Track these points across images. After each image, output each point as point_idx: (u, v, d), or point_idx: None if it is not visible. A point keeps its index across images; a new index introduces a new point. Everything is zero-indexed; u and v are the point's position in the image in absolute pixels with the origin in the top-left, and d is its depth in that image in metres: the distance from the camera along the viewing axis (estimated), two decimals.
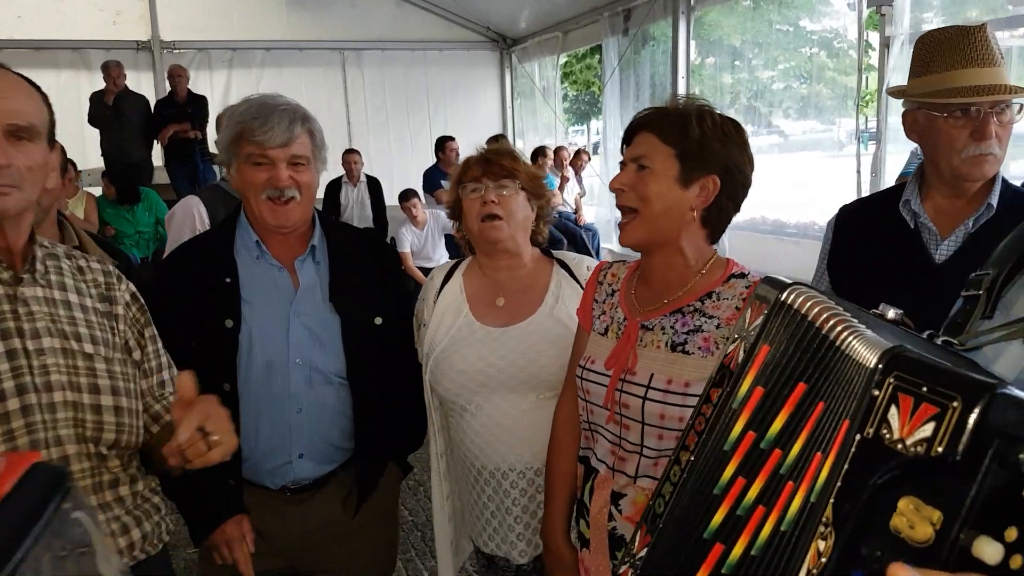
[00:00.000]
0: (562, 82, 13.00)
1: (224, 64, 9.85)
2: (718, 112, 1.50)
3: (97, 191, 7.62)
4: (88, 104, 8.08)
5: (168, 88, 8.33)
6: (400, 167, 9.62)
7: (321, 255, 1.88)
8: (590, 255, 7.86)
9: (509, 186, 1.88)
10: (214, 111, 8.00)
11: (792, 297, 0.83)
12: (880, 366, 0.62)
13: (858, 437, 0.60)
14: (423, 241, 7.11)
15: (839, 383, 0.68)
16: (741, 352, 0.87)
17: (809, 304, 0.80)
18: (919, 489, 0.55)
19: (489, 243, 1.92)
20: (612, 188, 1.53)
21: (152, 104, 8.29)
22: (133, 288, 1.53)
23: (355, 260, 1.91)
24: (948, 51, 1.80)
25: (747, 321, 0.90)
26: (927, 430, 0.55)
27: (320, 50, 10.19)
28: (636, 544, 0.95)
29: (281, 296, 1.82)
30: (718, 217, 1.50)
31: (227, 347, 1.76)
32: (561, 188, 8.48)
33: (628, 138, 1.54)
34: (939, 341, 0.85)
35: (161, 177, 8.02)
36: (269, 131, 1.72)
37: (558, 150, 8.91)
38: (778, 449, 0.74)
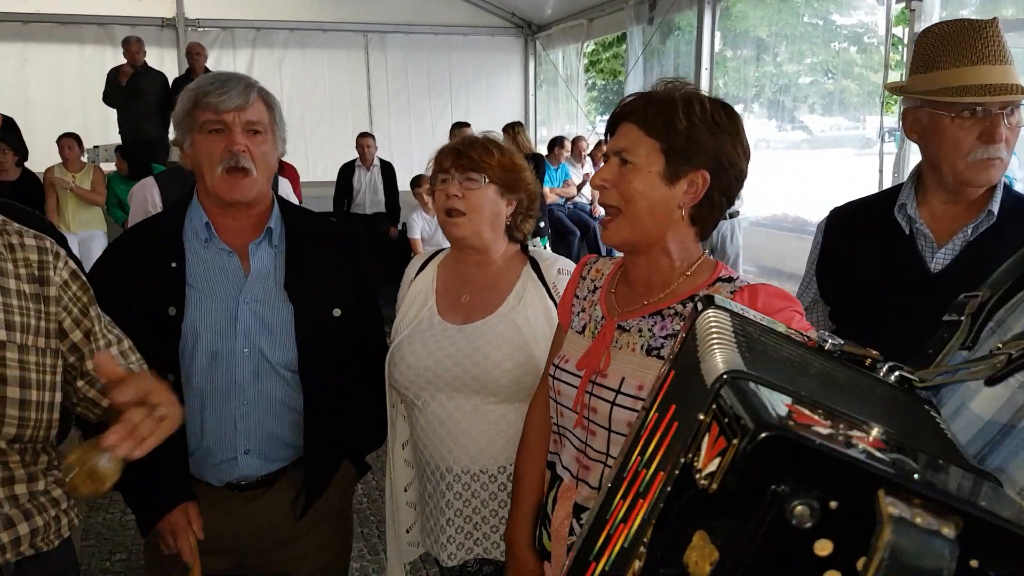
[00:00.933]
0: (588, 71, 12.86)
1: (247, 43, 9.84)
2: (709, 97, 1.38)
3: (113, 167, 7.68)
4: (105, 82, 8.15)
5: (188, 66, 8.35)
6: (419, 152, 9.51)
7: (279, 239, 1.81)
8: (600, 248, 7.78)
9: (476, 179, 1.79)
10: None
11: (701, 322, 0.74)
12: (712, 387, 0.57)
13: (681, 461, 0.56)
14: (434, 228, 7.05)
15: (692, 401, 0.63)
16: (663, 376, 0.79)
17: (706, 323, 0.72)
18: (709, 525, 0.53)
19: (450, 238, 1.86)
20: (593, 184, 1.42)
21: (170, 82, 8.31)
22: (73, 266, 1.44)
23: (316, 247, 1.83)
24: (956, 47, 1.67)
25: (675, 344, 0.82)
26: (714, 464, 0.52)
27: (344, 32, 10.14)
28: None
29: (229, 282, 1.75)
30: (708, 214, 1.39)
31: (170, 336, 1.70)
32: (583, 181, 8.37)
33: (611, 128, 1.42)
34: (893, 377, 0.75)
35: (177, 155, 8.04)
36: (225, 94, 1.67)
37: (576, 140, 8.79)
38: (643, 470, 0.69)
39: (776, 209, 7.04)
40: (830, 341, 0.76)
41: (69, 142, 7.26)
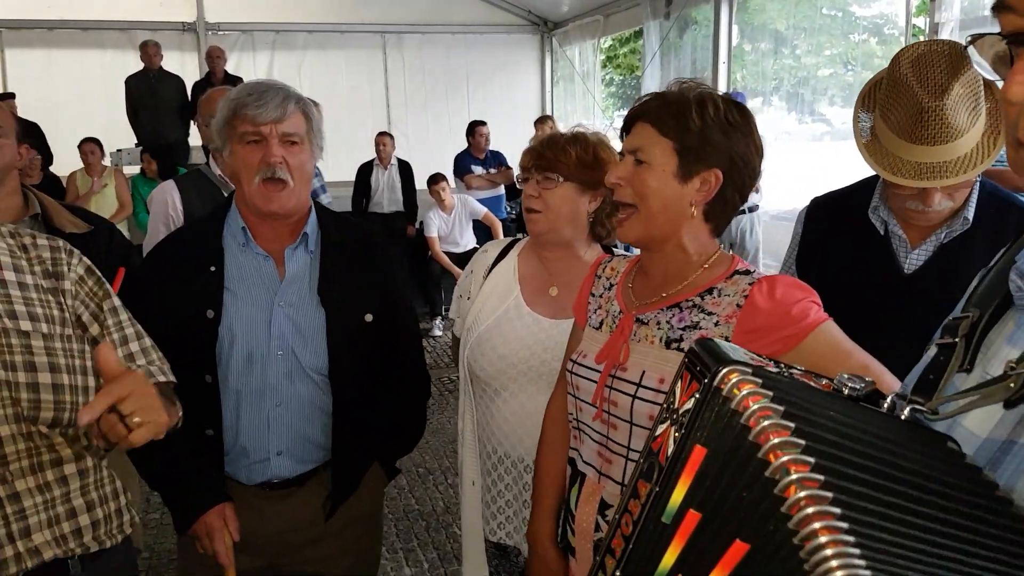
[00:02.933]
0: (605, 66, 12.80)
1: (267, 46, 9.91)
2: (722, 96, 1.39)
3: (136, 170, 7.77)
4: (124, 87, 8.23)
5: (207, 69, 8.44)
6: (437, 151, 9.57)
7: (314, 245, 1.83)
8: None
9: (552, 178, 1.84)
10: None
11: (727, 386, 0.67)
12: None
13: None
14: (451, 226, 7.08)
15: (783, 557, 0.57)
16: (671, 441, 0.72)
17: (743, 401, 0.66)
18: None
19: (531, 235, 1.93)
20: (608, 183, 1.44)
21: (188, 85, 8.39)
22: (88, 263, 1.49)
23: (350, 253, 1.85)
24: (905, 112, 1.63)
25: (677, 398, 0.76)
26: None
27: (362, 33, 10.18)
28: None
29: (265, 286, 1.78)
30: (722, 210, 1.41)
31: (207, 338, 1.73)
32: None
33: (627, 127, 1.44)
34: (905, 412, 0.73)
35: (198, 157, 8.12)
36: (263, 106, 1.69)
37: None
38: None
39: (796, 202, 6.94)
40: (848, 385, 0.73)
41: (91, 147, 7.33)
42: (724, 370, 0.68)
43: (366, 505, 1.94)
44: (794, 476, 0.58)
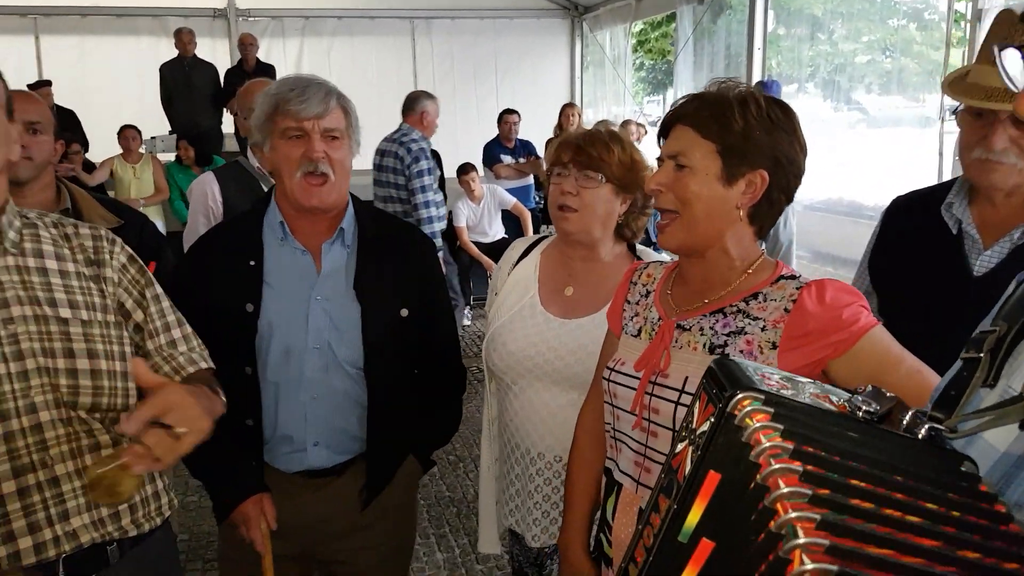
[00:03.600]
0: (636, 51, 12.68)
1: (297, 32, 9.92)
2: (763, 95, 1.36)
3: (170, 157, 7.84)
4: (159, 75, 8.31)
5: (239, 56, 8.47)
6: (465, 139, 9.55)
7: (351, 239, 1.84)
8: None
9: (593, 177, 1.80)
10: None
11: (740, 415, 0.69)
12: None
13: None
14: (479, 216, 7.06)
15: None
16: (689, 461, 0.73)
17: (755, 435, 0.67)
18: None
19: (560, 232, 1.89)
20: (648, 189, 1.41)
21: (221, 73, 8.44)
22: (130, 251, 1.52)
23: (387, 248, 1.86)
24: (990, 38, 1.58)
25: (695, 418, 0.77)
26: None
27: (390, 19, 10.17)
28: None
29: (302, 280, 1.80)
30: (767, 212, 1.37)
31: (247, 331, 1.76)
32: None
33: (665, 131, 1.40)
34: (923, 431, 0.72)
35: (231, 145, 8.18)
36: (305, 101, 1.71)
37: (626, 123, 8.63)
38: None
39: (831, 192, 6.85)
40: (862, 409, 0.73)
41: (130, 133, 7.41)
42: (737, 397, 0.70)
43: (400, 496, 1.96)
44: (801, 540, 0.58)
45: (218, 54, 9.17)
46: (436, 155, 7.87)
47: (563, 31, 11.00)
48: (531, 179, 7.92)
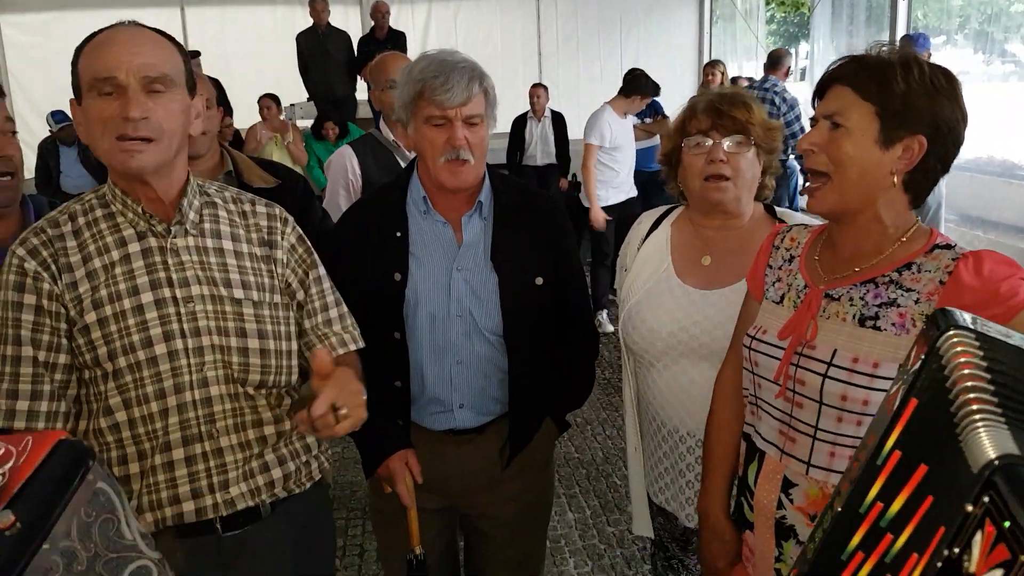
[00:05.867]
0: (768, 3, 12.12)
1: None
2: (927, 61, 1.31)
3: (307, 124, 8.18)
4: (295, 44, 8.59)
5: (371, 24, 8.69)
6: (588, 99, 9.48)
7: (488, 212, 1.92)
8: (788, 200, 7.38)
9: (742, 142, 1.75)
10: (413, 46, 8.27)
11: (945, 346, 0.72)
12: (981, 473, 0.54)
13: (945, 553, 0.54)
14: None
15: (951, 477, 0.60)
16: (898, 397, 0.77)
17: (956, 363, 0.70)
18: None
19: (710, 204, 1.81)
20: (800, 149, 1.38)
21: (355, 41, 8.69)
22: (300, 232, 1.62)
23: (521, 218, 1.92)
24: None
25: (910, 360, 0.80)
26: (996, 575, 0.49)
27: None
28: None
29: (444, 251, 1.88)
30: (923, 180, 1.33)
31: (395, 299, 1.86)
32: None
33: (821, 91, 1.37)
34: None
35: (364, 111, 8.47)
36: (449, 90, 1.74)
37: (735, 80, 7.95)
38: (889, 534, 0.68)
39: (980, 151, 6.41)
40: None
41: (268, 102, 7.69)
42: (948, 334, 0.73)
43: (538, 454, 2.05)
44: (972, 395, 0.63)
45: (350, 21, 9.45)
46: (560, 118, 7.85)
47: None
48: (658, 139, 7.78)
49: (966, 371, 0.68)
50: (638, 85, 5.64)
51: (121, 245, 1.40)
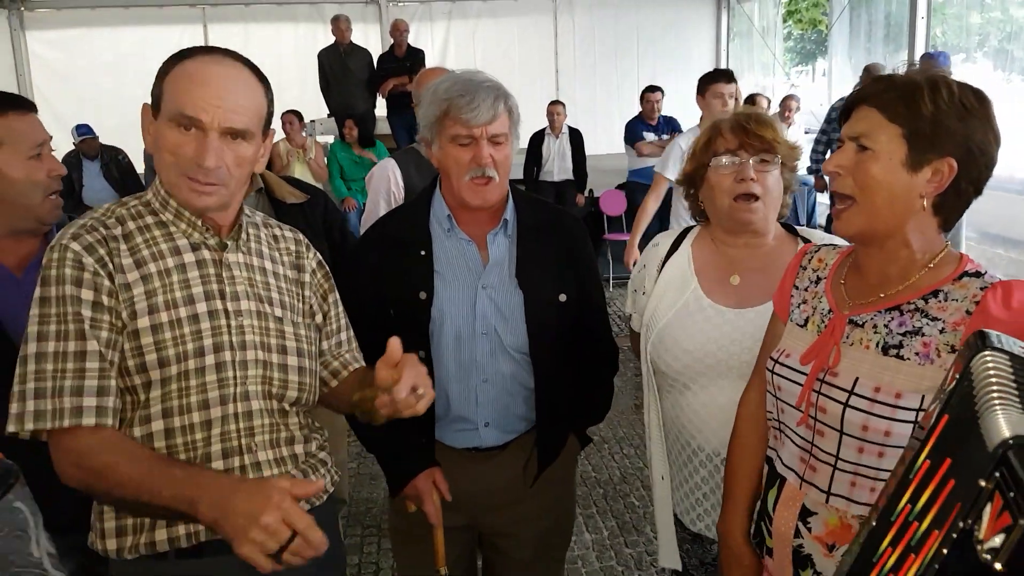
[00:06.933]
0: (785, 20, 12.14)
1: (443, 16, 10.22)
2: (956, 81, 1.27)
3: (328, 139, 8.27)
4: (317, 61, 8.71)
5: (391, 42, 8.80)
6: (604, 116, 9.56)
7: (512, 229, 1.92)
8: (805, 217, 7.36)
9: (770, 160, 1.75)
10: (431, 64, 8.36)
11: (978, 366, 0.73)
12: (995, 452, 0.57)
13: (960, 525, 0.57)
14: None
15: (970, 460, 0.63)
16: (933, 416, 0.78)
17: (984, 369, 0.72)
18: None
19: (740, 224, 1.80)
20: (826, 171, 1.36)
21: (375, 58, 8.80)
22: (319, 256, 1.65)
23: (543, 236, 1.93)
24: None
25: (946, 381, 0.81)
26: (997, 541, 0.52)
27: None
28: None
29: (470, 269, 1.89)
30: (954, 203, 1.29)
31: (421, 317, 1.86)
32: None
33: (847, 112, 1.35)
34: None
35: (383, 128, 8.56)
36: (475, 109, 1.75)
37: (786, 100, 7.88)
38: (915, 522, 0.70)
39: (1001, 169, 6.31)
40: None
41: (291, 118, 7.77)
42: (982, 354, 0.75)
43: (561, 471, 2.05)
44: (993, 383, 0.65)
45: (370, 39, 9.58)
46: (578, 134, 7.90)
47: (709, 1, 10.71)
48: None
49: (992, 379, 0.70)
50: None
51: (176, 253, 1.41)
